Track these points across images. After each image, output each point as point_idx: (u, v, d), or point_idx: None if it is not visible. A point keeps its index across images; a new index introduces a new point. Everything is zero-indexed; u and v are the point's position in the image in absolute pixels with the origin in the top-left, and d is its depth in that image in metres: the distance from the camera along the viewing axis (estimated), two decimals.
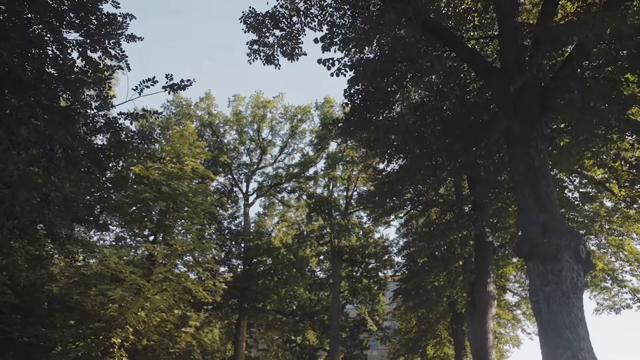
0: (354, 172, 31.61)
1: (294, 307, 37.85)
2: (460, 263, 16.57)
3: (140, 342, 21.25)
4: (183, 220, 24.01)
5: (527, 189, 8.38)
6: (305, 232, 33.07)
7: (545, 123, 8.55)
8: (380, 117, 9.70)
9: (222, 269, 41.28)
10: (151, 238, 25.87)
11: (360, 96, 9.49)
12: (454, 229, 14.36)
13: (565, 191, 14.01)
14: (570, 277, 7.55)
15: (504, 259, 16.44)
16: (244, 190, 36.14)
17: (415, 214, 14.71)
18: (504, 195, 12.00)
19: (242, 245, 32.65)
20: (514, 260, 17.31)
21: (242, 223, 35.13)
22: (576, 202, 13.99)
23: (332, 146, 34.48)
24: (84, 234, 25.91)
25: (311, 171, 34.49)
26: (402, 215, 15.72)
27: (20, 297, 23.58)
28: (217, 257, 30.89)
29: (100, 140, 13.23)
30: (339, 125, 10.10)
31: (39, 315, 23.78)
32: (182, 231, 25.43)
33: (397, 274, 30.19)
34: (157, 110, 11.11)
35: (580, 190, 14.32)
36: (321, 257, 39.99)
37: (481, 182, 12.19)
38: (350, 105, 9.70)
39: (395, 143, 10.50)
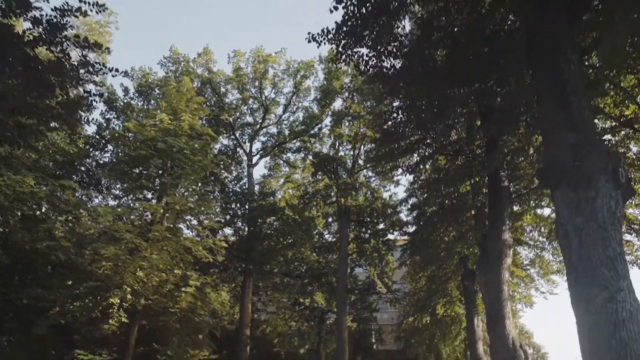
0: (361, 130, 30.15)
1: (302, 270, 37.20)
2: (472, 213, 15.36)
3: (138, 302, 20.63)
4: (182, 179, 22.95)
5: (555, 106, 7.02)
6: (310, 192, 31.94)
7: (575, 25, 7.10)
8: (378, 29, 8.26)
9: (227, 231, 40.69)
10: (151, 198, 25.01)
11: (354, 1, 8.01)
12: (465, 174, 13.09)
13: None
14: (607, 206, 6.29)
15: (520, 205, 15.16)
16: (248, 150, 34.96)
17: (423, 158, 13.41)
18: (522, 130, 10.65)
19: (247, 206, 31.71)
20: (532, 204, 16.05)
21: (247, 184, 34.12)
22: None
23: (338, 103, 33.02)
24: (81, 195, 25.15)
25: (316, 129, 33.12)
26: (408, 163, 14.42)
27: (17, 259, 23.06)
28: (219, 217, 30.07)
29: None
30: (329, 36, 8.67)
31: (37, 276, 23.30)
32: (182, 190, 24.51)
33: (405, 234, 29.09)
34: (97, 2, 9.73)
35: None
36: (329, 220, 39.12)
37: (497, 113, 10.81)
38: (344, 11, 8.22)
39: (397, 67, 9.11)
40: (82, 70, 11.58)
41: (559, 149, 6.79)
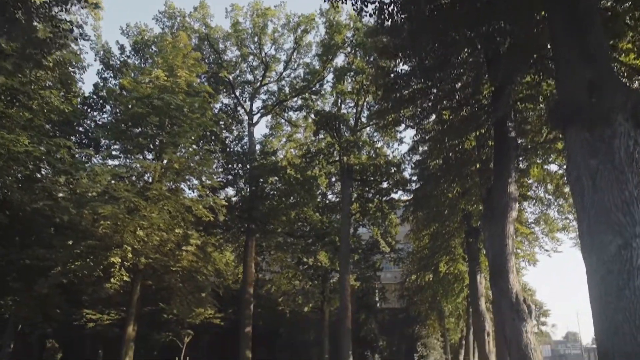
0: (364, 85, 29.25)
1: (306, 230, 37.15)
2: (477, 166, 14.85)
3: (139, 261, 20.58)
4: (180, 137, 22.43)
5: (571, 39, 6.38)
6: (313, 151, 31.40)
7: None
8: None
9: (229, 192, 40.48)
10: (151, 160, 24.60)
11: None
12: (471, 125, 12.49)
13: None
14: (624, 146, 5.75)
15: (526, 159, 14.58)
16: (248, 109, 34.22)
17: (426, 109, 12.76)
18: (530, 78, 9.94)
19: (248, 166, 31.29)
20: (539, 160, 15.48)
21: (247, 144, 33.59)
22: None
23: (340, 59, 31.97)
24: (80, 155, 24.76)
25: (318, 86, 32.22)
26: (411, 115, 13.77)
27: (17, 220, 22.96)
28: (220, 176, 29.76)
29: None
30: None
31: (38, 237, 23.27)
32: (182, 150, 24.06)
33: (409, 193, 28.65)
34: None
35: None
36: (332, 179, 38.74)
37: (505, 57, 10.10)
38: None
39: (399, 5, 8.33)
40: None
41: (574, 85, 6.20)
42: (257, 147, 33.94)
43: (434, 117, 13.67)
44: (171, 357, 40.77)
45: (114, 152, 25.15)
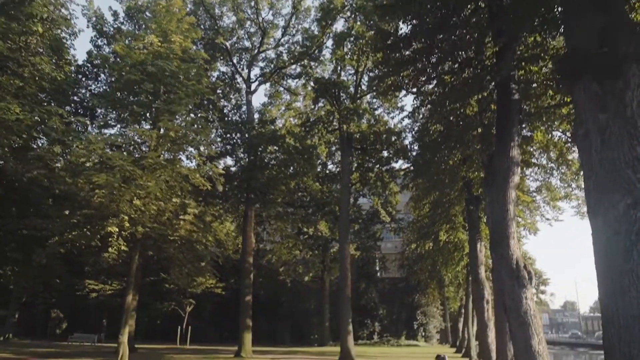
0: (364, 51, 28.46)
1: (306, 200, 36.98)
2: (479, 131, 14.42)
3: (137, 230, 20.43)
4: (175, 104, 21.92)
5: None
6: (312, 120, 30.87)
7: None
8: None
9: (229, 161, 40.10)
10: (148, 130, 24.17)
11: None
12: (473, 87, 12.00)
13: None
14: (637, 99, 5.34)
15: (530, 123, 14.11)
16: (246, 77, 33.50)
17: (427, 70, 12.24)
18: (539, 27, 9.36)
19: (247, 135, 30.82)
20: (543, 128, 14.98)
21: (246, 113, 33.02)
22: None
23: (339, 24, 31.11)
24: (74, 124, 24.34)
25: (317, 52, 31.39)
26: (412, 77, 13.24)
27: (13, 190, 22.77)
28: (217, 145, 29.36)
29: None
30: None
31: (35, 207, 23.11)
32: (177, 117, 23.58)
33: (409, 161, 28.26)
34: None
35: None
36: (332, 149, 38.32)
37: (510, 10, 9.54)
38: None
39: None
40: None
41: (584, 34, 5.74)
42: (256, 115, 33.43)
43: (434, 79, 13.14)
44: (174, 326, 41.39)
45: (109, 122, 24.76)
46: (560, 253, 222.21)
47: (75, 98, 28.93)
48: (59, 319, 49.71)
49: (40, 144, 24.86)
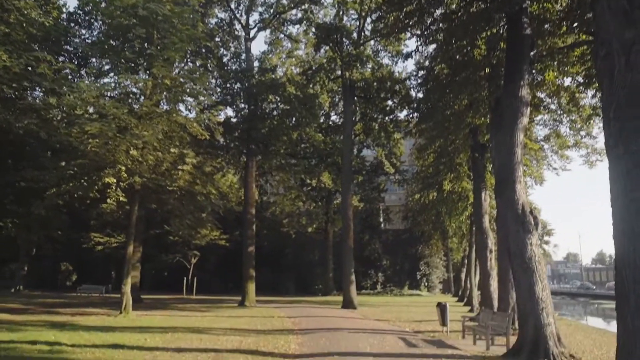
0: None
1: (309, 151, 36.38)
2: (487, 71, 13.62)
3: (135, 181, 20.06)
4: (169, 50, 20.99)
5: None
6: (313, 67, 29.82)
7: None
8: None
9: (229, 112, 39.33)
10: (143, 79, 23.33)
11: None
12: (481, 22, 11.14)
13: None
14: None
15: (542, 63, 13.26)
16: (244, 23, 32.14)
17: (433, 4, 11.32)
18: None
19: (246, 84, 29.89)
20: (555, 74, 14.15)
21: (245, 60, 31.90)
22: None
23: None
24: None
25: None
26: (417, 13, 12.30)
27: (8, 142, 22.33)
28: (216, 94, 28.57)
29: None
30: None
31: (30, 158, 22.74)
32: (173, 65, 22.70)
33: (414, 112, 27.42)
34: None
35: None
36: (335, 99, 37.37)
37: None
38: None
39: None
40: None
41: None
42: (256, 64, 32.32)
43: (440, 16, 12.20)
44: (180, 277, 42.02)
45: (103, 71, 23.92)
46: (565, 205, 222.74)
47: (68, 47, 27.98)
48: (68, 271, 50.67)
49: (34, 97, 24.27)
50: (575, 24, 11.88)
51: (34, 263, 48.42)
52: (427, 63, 19.13)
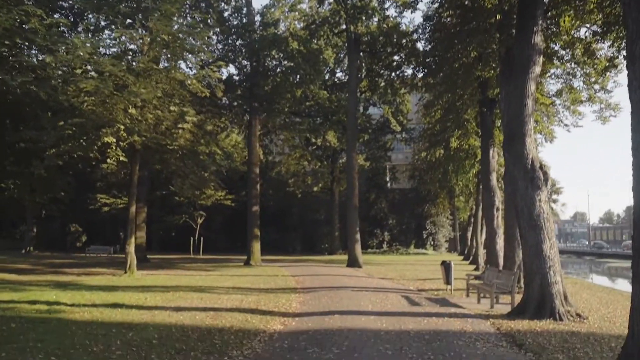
0: None
1: (315, 109, 35.62)
2: (498, 18, 12.79)
3: (135, 140, 19.67)
4: (165, 3, 20.09)
5: None
6: (317, 21, 28.67)
7: None
8: None
9: (232, 70, 38.41)
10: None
11: None
12: None
13: None
14: None
15: (556, 7, 12.36)
16: None
17: None
18: None
19: (248, 40, 28.89)
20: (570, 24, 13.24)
21: (246, 15, 30.72)
22: None
23: None
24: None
25: None
26: None
27: (4, 102, 21.85)
28: (217, 52, 27.73)
29: None
30: None
31: (29, 119, 22.33)
32: (171, 20, 21.81)
33: (421, 67, 26.41)
34: None
35: None
36: (340, 55, 36.24)
37: None
38: None
39: None
40: None
41: None
42: (257, 18, 31.13)
43: None
44: (188, 238, 42.36)
45: (100, 26, 23.11)
46: (574, 164, 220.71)
47: (63, 4, 27.05)
48: (77, 232, 51.27)
49: (29, 55, 23.56)
50: None
51: (44, 225, 49.01)
52: (434, 12, 18.11)
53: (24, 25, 19.65)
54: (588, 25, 15.88)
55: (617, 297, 14.68)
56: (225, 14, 31.48)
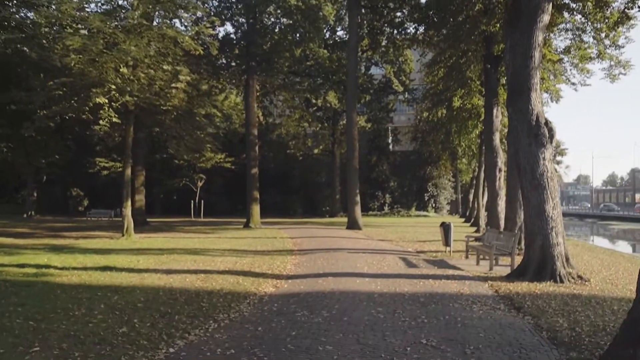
0: None
1: (315, 69, 34.60)
2: None
3: (128, 101, 19.09)
4: None
5: None
6: None
7: None
8: None
9: (229, 29, 37.13)
10: None
11: None
12: None
13: None
14: None
15: None
16: None
17: None
18: None
19: None
20: None
21: None
22: None
23: None
24: None
25: None
26: None
27: None
28: (212, 8, 26.67)
29: None
30: None
31: (18, 80, 21.75)
32: None
33: (425, 25, 25.25)
34: None
35: None
36: (341, 12, 34.91)
37: None
38: None
39: None
40: None
41: None
42: None
43: None
44: (189, 201, 42.29)
45: None
46: (578, 126, 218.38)
47: None
48: (79, 197, 51.21)
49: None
50: None
51: (45, 189, 48.94)
52: None
53: None
54: None
55: (619, 259, 14.42)
56: None
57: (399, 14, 28.07)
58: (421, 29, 22.23)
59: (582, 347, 5.09)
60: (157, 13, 20.99)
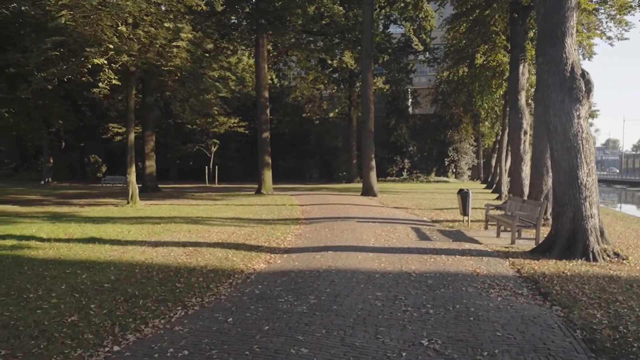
0: None
1: (332, 27, 32.73)
2: None
3: (128, 62, 18.03)
4: None
5: None
6: None
7: None
8: None
9: None
10: None
11: None
12: None
13: None
14: None
15: None
16: None
17: None
18: None
19: None
20: None
21: None
22: None
23: None
24: None
25: None
26: None
27: None
28: None
29: None
30: None
31: (13, 39, 20.80)
32: None
33: None
34: None
35: None
36: None
37: None
38: None
39: None
40: None
41: None
42: None
43: None
44: (204, 166, 41.70)
45: None
46: (610, 87, 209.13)
47: None
48: (97, 163, 51.20)
49: None
50: None
51: (63, 156, 49.01)
52: None
53: None
54: None
55: None
56: None
57: None
58: None
59: (631, 357, 3.96)
60: None
